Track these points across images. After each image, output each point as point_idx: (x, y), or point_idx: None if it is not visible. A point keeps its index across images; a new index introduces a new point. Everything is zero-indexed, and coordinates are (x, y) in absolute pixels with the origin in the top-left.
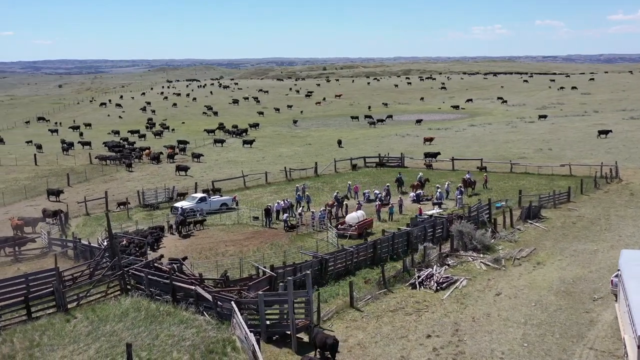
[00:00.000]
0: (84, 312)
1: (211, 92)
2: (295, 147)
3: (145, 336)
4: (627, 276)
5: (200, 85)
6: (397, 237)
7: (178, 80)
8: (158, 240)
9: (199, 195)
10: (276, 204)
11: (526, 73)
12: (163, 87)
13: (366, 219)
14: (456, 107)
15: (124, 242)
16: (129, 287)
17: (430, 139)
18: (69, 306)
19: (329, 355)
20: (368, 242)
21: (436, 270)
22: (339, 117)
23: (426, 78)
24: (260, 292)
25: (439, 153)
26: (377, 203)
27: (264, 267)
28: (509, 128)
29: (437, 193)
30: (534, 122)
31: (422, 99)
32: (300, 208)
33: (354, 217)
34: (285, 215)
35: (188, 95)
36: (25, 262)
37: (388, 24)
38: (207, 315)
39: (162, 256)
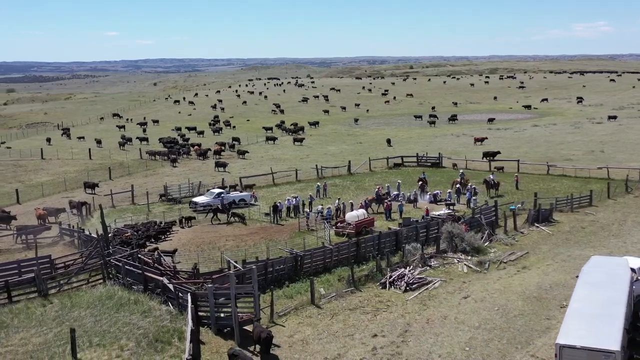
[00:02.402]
0: (60, 298)
1: (284, 91)
2: (345, 145)
3: (104, 323)
4: (580, 282)
5: (277, 84)
6: (383, 237)
7: (259, 79)
8: (163, 232)
9: (217, 190)
10: (287, 201)
11: (616, 72)
12: (240, 85)
13: (366, 218)
14: (528, 106)
15: (128, 233)
16: (110, 276)
17: (482, 139)
18: (52, 292)
19: (264, 349)
20: (350, 241)
21: (409, 271)
22: (403, 116)
23: (507, 77)
24: (209, 285)
25: (498, 152)
26: (386, 202)
27: (235, 262)
28: (571, 129)
29: (448, 194)
30: (602, 122)
31: (495, 98)
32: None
33: (353, 215)
34: (320, 207)
35: (260, 93)
36: (38, 249)
37: (484, 22)
38: (170, 306)
39: (156, 248)
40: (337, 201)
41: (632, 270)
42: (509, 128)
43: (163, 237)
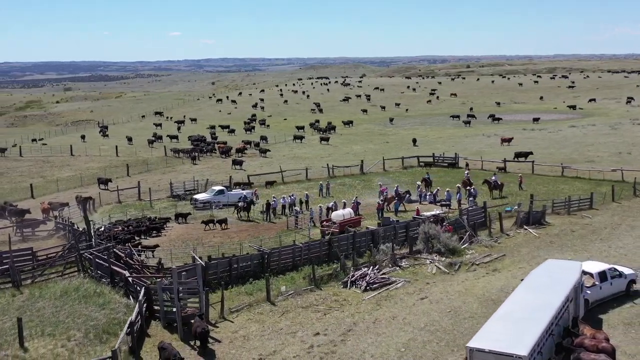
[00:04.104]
0: (31, 289)
1: (328, 90)
2: (372, 145)
3: (62, 314)
4: (520, 285)
5: (324, 83)
6: (358, 236)
7: (310, 78)
8: (154, 228)
9: (218, 188)
10: (282, 199)
11: None
12: (286, 84)
13: (352, 217)
14: (573, 107)
15: (119, 229)
16: (85, 268)
17: (509, 140)
18: (27, 282)
19: (200, 344)
20: (322, 239)
21: (371, 271)
22: (441, 116)
23: (561, 76)
24: (158, 280)
25: (530, 152)
26: (378, 201)
27: (200, 258)
28: (608, 130)
29: (446, 194)
30: None
31: (541, 98)
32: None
33: (339, 214)
34: (331, 203)
35: (304, 92)
36: (31, 241)
37: (550, 21)
38: (131, 299)
39: (139, 243)
40: (354, 198)
41: (590, 275)
42: (544, 129)
43: (155, 232)
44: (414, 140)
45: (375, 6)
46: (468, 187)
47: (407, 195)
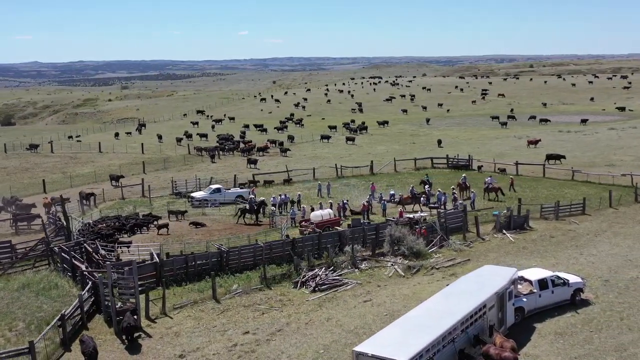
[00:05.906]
0: None
1: (374, 90)
2: (397, 145)
3: (15, 304)
4: (441, 291)
5: (373, 82)
6: (324, 237)
7: (363, 77)
8: (140, 225)
9: (214, 186)
10: (272, 199)
11: None
12: (335, 84)
13: (331, 218)
14: (622, 108)
15: (103, 225)
16: (55, 262)
17: (536, 142)
18: None
19: (126, 337)
20: (285, 240)
21: (322, 272)
22: (482, 116)
23: (621, 77)
24: (99, 275)
25: (563, 156)
26: (362, 203)
27: (158, 254)
28: None
29: (438, 194)
30: None
31: (592, 99)
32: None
33: (317, 215)
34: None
35: (349, 92)
36: (23, 234)
37: (623, 18)
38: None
39: (117, 239)
40: (367, 197)
41: (529, 282)
42: (579, 131)
43: (140, 229)
44: (439, 141)
45: (444, 6)
46: (454, 192)
47: (423, 195)
